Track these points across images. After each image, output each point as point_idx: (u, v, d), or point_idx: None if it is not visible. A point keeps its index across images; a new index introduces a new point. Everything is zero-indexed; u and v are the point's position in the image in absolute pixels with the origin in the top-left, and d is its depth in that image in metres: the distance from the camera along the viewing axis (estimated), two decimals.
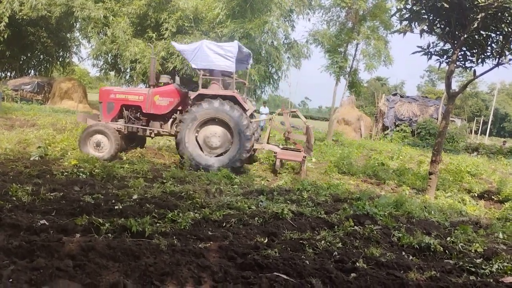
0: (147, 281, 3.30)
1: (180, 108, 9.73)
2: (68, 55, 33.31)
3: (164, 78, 10.36)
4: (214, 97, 9.09)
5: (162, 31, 22.33)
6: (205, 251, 3.96)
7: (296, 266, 3.74)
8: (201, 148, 9.18)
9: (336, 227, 5.32)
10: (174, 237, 4.30)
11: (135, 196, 5.72)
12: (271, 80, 29.12)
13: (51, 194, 5.43)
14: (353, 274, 3.75)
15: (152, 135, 9.87)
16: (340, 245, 4.67)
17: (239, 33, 20.87)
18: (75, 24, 26.76)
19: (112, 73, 28.77)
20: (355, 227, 5.34)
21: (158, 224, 4.65)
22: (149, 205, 5.35)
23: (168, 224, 4.69)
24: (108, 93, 10.12)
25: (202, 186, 7.15)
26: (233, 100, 9.13)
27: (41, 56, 32.29)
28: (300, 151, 9.77)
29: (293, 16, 27.33)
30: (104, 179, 7.00)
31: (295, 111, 10.70)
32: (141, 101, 9.76)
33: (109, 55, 25.10)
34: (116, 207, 5.03)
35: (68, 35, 31.75)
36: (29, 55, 31.49)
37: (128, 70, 25.50)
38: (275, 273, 3.51)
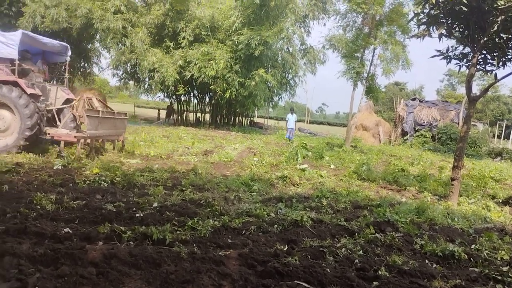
0: None
1: None
2: (88, 65, 34.04)
3: None
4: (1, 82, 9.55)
5: (180, 40, 22.69)
6: (225, 258, 3.96)
7: (316, 274, 3.71)
8: None
9: (356, 234, 5.26)
10: (194, 244, 4.33)
11: (155, 204, 5.78)
12: (288, 86, 29.18)
13: (74, 202, 5.53)
14: (375, 283, 3.70)
15: None
16: (361, 252, 4.61)
17: (255, 40, 21.00)
18: (95, 35, 27.34)
19: (131, 82, 29.27)
20: (376, 234, 5.27)
21: (178, 232, 4.68)
22: (169, 212, 5.40)
23: (188, 232, 4.72)
24: None
25: (221, 193, 7.18)
26: (15, 85, 9.53)
27: (63, 67, 33.04)
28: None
29: (308, 21, 27.42)
30: (124, 187, 7.10)
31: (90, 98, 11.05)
32: None
33: (128, 64, 25.59)
34: (137, 215, 5.10)
35: (89, 46, 32.48)
36: (51, 66, 32.28)
37: (146, 79, 25.90)
38: (296, 281, 3.49)
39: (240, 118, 30.20)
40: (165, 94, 28.20)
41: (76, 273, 3.30)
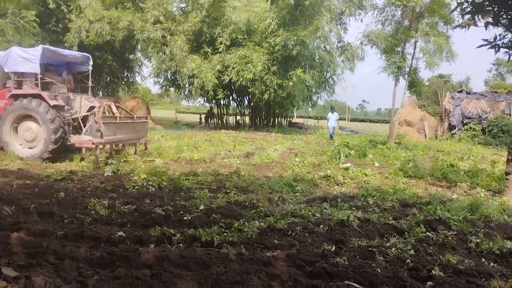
0: None
1: None
2: (131, 75, 35.36)
3: (10, 83, 11.14)
4: (24, 96, 10.23)
5: (217, 45, 23.02)
6: (273, 259, 3.98)
7: (367, 274, 3.64)
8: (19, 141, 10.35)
9: (406, 233, 5.11)
10: (242, 246, 4.38)
11: (201, 207, 5.90)
12: (326, 85, 28.83)
13: (125, 207, 5.76)
14: (429, 283, 3.58)
15: None
16: (412, 252, 4.48)
17: (292, 41, 20.95)
18: (136, 46, 28.35)
19: (172, 89, 30.03)
20: (427, 233, 5.10)
21: (225, 234, 4.75)
22: (215, 215, 5.50)
23: (235, 233, 4.78)
24: None
25: (265, 194, 7.21)
26: (40, 97, 10.14)
27: (108, 78, 34.54)
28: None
29: (345, 18, 26.99)
30: (171, 191, 7.30)
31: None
32: None
33: (169, 72, 26.28)
34: (185, 218, 5.23)
35: (131, 56, 33.75)
36: (97, 77, 33.80)
37: (186, 85, 26.49)
38: (346, 282, 3.44)
39: (279, 119, 30.19)
40: (205, 99, 28.72)
41: (132, 274, 3.44)
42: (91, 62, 12.52)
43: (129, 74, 35.33)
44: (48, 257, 3.74)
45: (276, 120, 29.53)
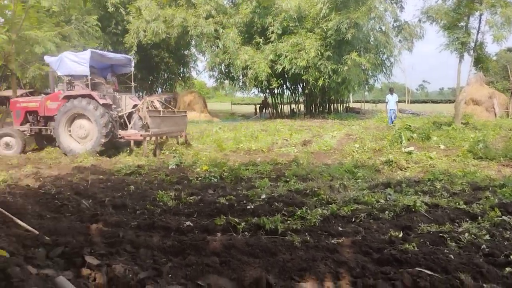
0: (287, 276, 3.44)
1: None
2: (187, 70, 36.41)
3: (61, 86, 12.06)
4: (76, 97, 11.05)
5: (268, 34, 22.99)
6: (338, 246, 3.96)
7: (439, 261, 3.51)
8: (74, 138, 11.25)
9: (479, 218, 4.83)
10: (306, 233, 4.39)
11: (263, 196, 5.99)
12: (383, 67, 27.79)
13: (191, 198, 5.99)
14: (508, 269, 3.38)
15: (51, 132, 11.50)
16: (487, 237, 4.23)
17: (345, 24, 20.38)
18: (190, 42, 29.08)
19: (226, 81, 30.53)
20: (503, 217, 4.79)
21: (288, 222, 4.79)
22: (277, 203, 5.56)
23: (298, 221, 4.80)
24: (15, 103, 12.40)
25: (325, 182, 7.15)
26: (90, 97, 10.95)
27: (165, 74, 35.88)
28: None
29: None
30: (232, 181, 7.47)
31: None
32: (37, 107, 11.87)
33: (222, 65, 26.71)
34: (248, 207, 5.34)
35: (186, 52, 34.72)
36: (155, 75, 35.27)
37: (240, 77, 26.79)
38: (417, 268, 3.34)
39: (335, 105, 29.63)
40: (259, 89, 28.88)
41: (202, 262, 3.59)
42: (133, 64, 13.30)
43: (185, 70, 36.43)
44: (125, 246, 4.00)
45: (331, 107, 29.02)
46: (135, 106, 12.25)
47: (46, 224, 4.63)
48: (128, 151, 11.49)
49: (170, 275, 3.43)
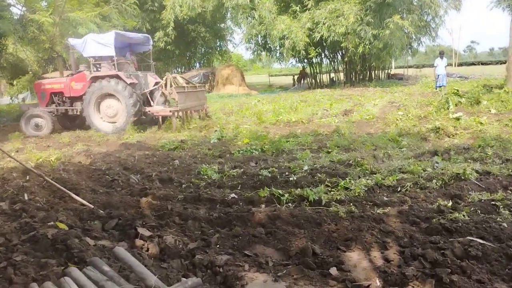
0: (333, 246, 3.46)
1: None
2: (224, 44, 36.30)
3: (82, 67, 12.41)
4: (103, 77, 11.39)
5: (305, 2, 22.31)
6: (384, 216, 3.92)
7: (491, 230, 3.39)
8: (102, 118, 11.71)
9: None
10: (350, 204, 4.36)
11: (305, 167, 5.97)
12: (428, 29, 26.37)
13: (233, 171, 6.09)
14: None
15: (77, 112, 12.01)
16: None
17: None
18: (226, 14, 28.84)
19: (263, 53, 30.18)
20: None
21: (332, 192, 4.78)
22: (320, 174, 5.53)
23: (342, 192, 4.78)
24: (40, 85, 12.63)
25: (368, 152, 7.02)
26: (117, 77, 11.28)
27: (203, 49, 35.96)
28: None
29: None
30: (274, 153, 7.50)
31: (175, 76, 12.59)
32: (63, 88, 12.15)
33: (259, 36, 26.35)
34: (290, 178, 5.36)
35: (222, 25, 34.52)
36: (192, 50, 35.45)
37: (277, 48, 26.36)
38: (468, 238, 3.25)
39: (376, 72, 28.61)
40: (297, 59, 28.35)
41: (248, 233, 3.68)
42: (151, 42, 13.50)
43: (221, 43, 36.32)
44: (173, 218, 4.17)
45: (373, 74, 28.06)
46: (156, 83, 12.54)
47: (99, 198, 4.89)
48: (157, 127, 11.89)
49: (218, 246, 3.55)
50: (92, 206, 4.56)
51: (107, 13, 17.57)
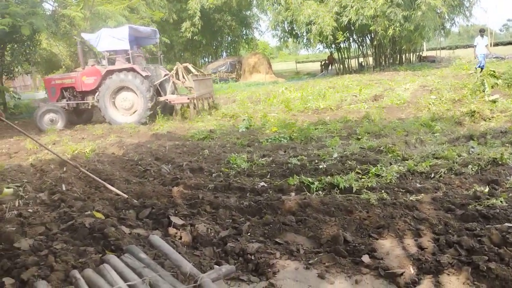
0: (364, 234, 3.43)
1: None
2: (250, 31, 36.13)
3: (91, 62, 12.38)
4: (120, 70, 11.56)
5: None
6: (417, 203, 3.84)
7: None
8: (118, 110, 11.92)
9: None
10: (382, 191, 4.29)
11: (335, 155, 5.91)
12: (462, 8, 25.31)
13: (262, 159, 6.11)
14: None
15: (89, 106, 12.13)
16: None
17: None
18: (252, 1, 28.61)
19: (290, 39, 29.85)
20: None
21: (363, 180, 4.71)
22: (350, 161, 5.47)
23: (373, 179, 4.70)
24: (50, 81, 12.71)
25: (400, 137, 6.87)
26: (133, 71, 11.49)
27: (229, 38, 35.96)
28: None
29: None
30: (302, 141, 7.46)
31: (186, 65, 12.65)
32: (74, 83, 12.20)
33: (285, 23, 26.07)
34: (320, 166, 5.32)
35: (248, 13, 34.33)
36: (219, 39, 35.51)
37: (304, 33, 26.00)
38: (506, 224, 3.15)
39: (407, 55, 27.80)
40: (324, 45, 27.90)
41: (279, 221, 3.70)
42: (158, 36, 13.60)
43: (247, 31, 36.18)
44: (205, 207, 4.23)
45: (403, 57, 27.27)
46: (166, 75, 12.71)
47: (132, 188, 5.02)
48: (172, 116, 12.40)
49: (249, 234, 3.58)
50: (126, 196, 4.69)
51: (135, 6, 17.82)
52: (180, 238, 3.50)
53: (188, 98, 11.79)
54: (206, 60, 36.05)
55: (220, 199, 4.40)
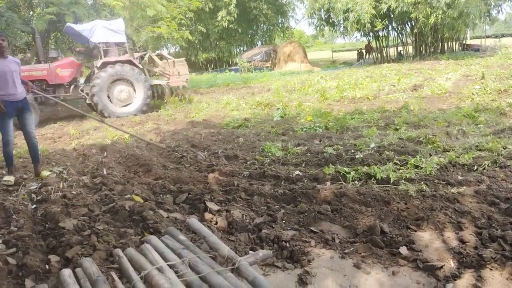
0: (402, 225, 3.36)
1: (78, 75, 12.17)
2: (285, 20, 35.74)
3: (53, 53, 12.03)
4: (114, 63, 11.46)
5: None
6: (459, 196, 3.71)
7: None
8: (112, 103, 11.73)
9: None
10: (422, 182, 4.17)
11: (372, 145, 5.79)
12: None
13: (297, 148, 6.07)
14: None
15: (59, 100, 10.57)
16: None
17: None
18: None
19: (326, 28, 29.33)
20: None
21: (401, 170, 4.59)
22: (388, 152, 5.34)
23: (411, 170, 4.57)
24: None
25: (441, 129, 6.63)
26: (130, 63, 11.66)
27: (264, 27, 35.73)
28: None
29: None
30: (338, 131, 7.35)
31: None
32: (45, 75, 11.46)
33: (322, 10, 25.62)
34: (356, 156, 5.23)
35: (284, 1, 33.96)
36: (254, 28, 35.37)
37: (341, 21, 25.46)
38: None
39: (449, 43, 26.64)
40: (362, 33, 27.23)
41: (314, 209, 3.68)
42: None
43: (283, 20, 35.81)
44: (240, 193, 4.28)
45: (445, 45, 26.18)
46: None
47: (169, 173, 5.14)
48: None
49: (284, 221, 3.60)
50: (164, 146, 4.78)
51: None
52: (216, 223, 3.56)
53: (185, 81, 12.75)
54: (241, 49, 36.05)
55: (255, 187, 4.42)
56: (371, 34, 26.35)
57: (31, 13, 17.18)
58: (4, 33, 5.29)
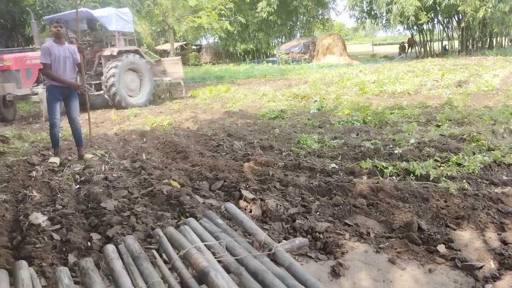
0: (441, 223, 3.27)
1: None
2: (326, 12, 35.19)
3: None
4: (127, 52, 11.41)
5: None
6: (503, 196, 3.56)
7: None
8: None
9: None
10: (463, 181, 4.03)
11: (412, 141, 5.64)
12: None
13: (334, 141, 6.01)
14: None
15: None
16: None
17: None
18: None
19: (368, 20, 28.65)
20: None
21: (442, 168, 4.45)
22: (428, 148, 5.18)
23: (453, 168, 4.42)
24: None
25: (486, 126, 6.35)
26: (137, 53, 11.76)
27: (304, 18, 35.34)
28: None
29: None
30: (376, 125, 7.20)
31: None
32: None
33: (364, 2, 25.03)
34: (395, 151, 5.11)
35: None
36: (294, 19, 35.06)
37: (384, 14, 24.79)
38: None
39: (498, 39, 25.39)
40: (405, 26, 26.40)
41: (349, 202, 3.64)
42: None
43: (323, 12, 35.27)
44: (274, 183, 4.29)
45: (494, 41, 24.94)
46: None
47: (206, 161, 5.23)
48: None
49: (318, 213, 3.59)
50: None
51: None
52: (250, 211, 3.60)
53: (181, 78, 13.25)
54: (280, 40, 35.85)
55: (289, 177, 4.43)
56: (414, 27, 25.50)
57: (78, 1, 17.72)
58: (62, 20, 5.50)
